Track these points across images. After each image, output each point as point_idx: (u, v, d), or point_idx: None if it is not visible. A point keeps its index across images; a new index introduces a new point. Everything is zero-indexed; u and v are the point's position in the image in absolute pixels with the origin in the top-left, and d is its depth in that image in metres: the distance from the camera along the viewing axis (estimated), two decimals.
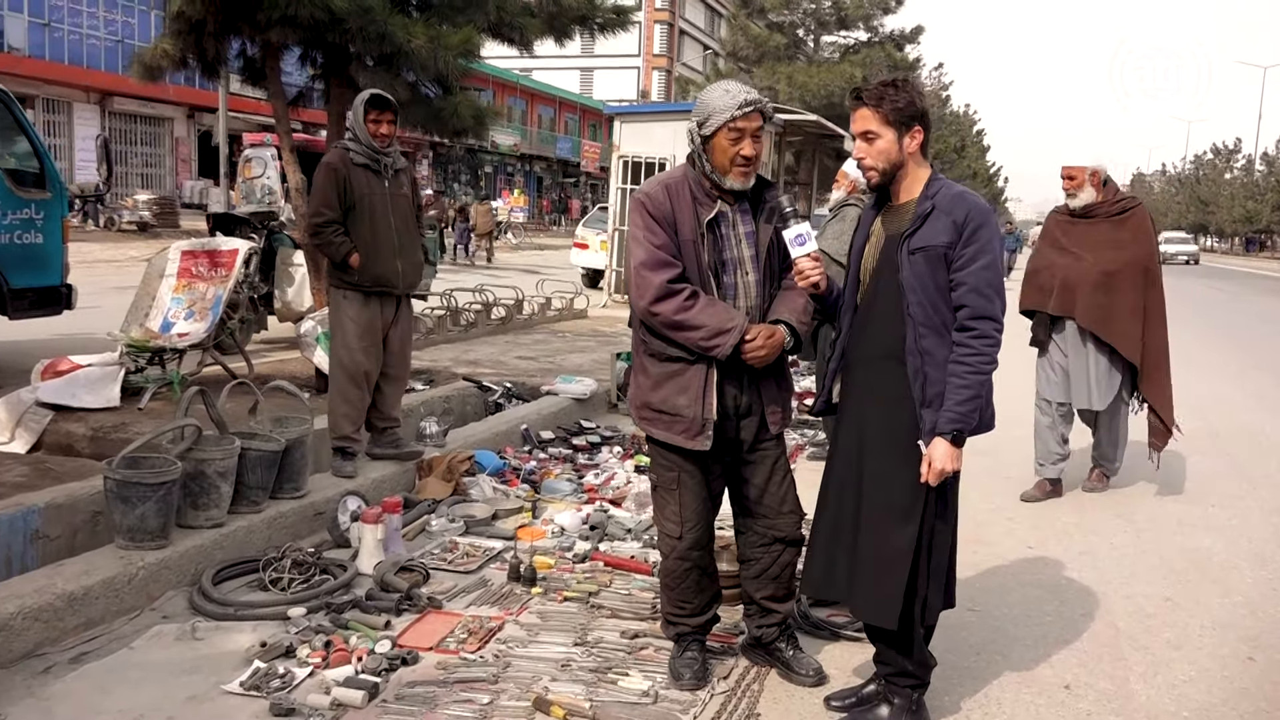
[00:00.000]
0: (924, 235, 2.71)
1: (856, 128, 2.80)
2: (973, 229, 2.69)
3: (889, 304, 2.78)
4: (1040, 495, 5.57)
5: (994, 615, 3.90)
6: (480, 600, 3.82)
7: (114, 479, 3.63)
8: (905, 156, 2.77)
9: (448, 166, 44.89)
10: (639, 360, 3.07)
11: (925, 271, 2.70)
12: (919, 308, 2.71)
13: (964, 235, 2.69)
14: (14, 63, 25.59)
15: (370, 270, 4.64)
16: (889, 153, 2.76)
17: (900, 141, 2.75)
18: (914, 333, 2.71)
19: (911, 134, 2.76)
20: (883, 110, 2.73)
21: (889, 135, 2.75)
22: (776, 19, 23.36)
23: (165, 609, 3.60)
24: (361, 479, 4.81)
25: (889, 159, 2.77)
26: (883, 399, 2.79)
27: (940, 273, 2.70)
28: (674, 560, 3.12)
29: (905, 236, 2.74)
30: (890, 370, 2.76)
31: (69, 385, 6.02)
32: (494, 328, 10.80)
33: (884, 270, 2.80)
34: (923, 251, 2.70)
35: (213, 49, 6.71)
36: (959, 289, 2.69)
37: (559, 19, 7.51)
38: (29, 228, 7.40)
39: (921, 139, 2.79)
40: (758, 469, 3.08)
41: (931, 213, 2.72)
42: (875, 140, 2.76)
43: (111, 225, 23.08)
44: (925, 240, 2.71)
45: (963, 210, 2.70)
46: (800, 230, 2.82)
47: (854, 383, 2.91)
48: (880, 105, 2.73)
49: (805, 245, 2.81)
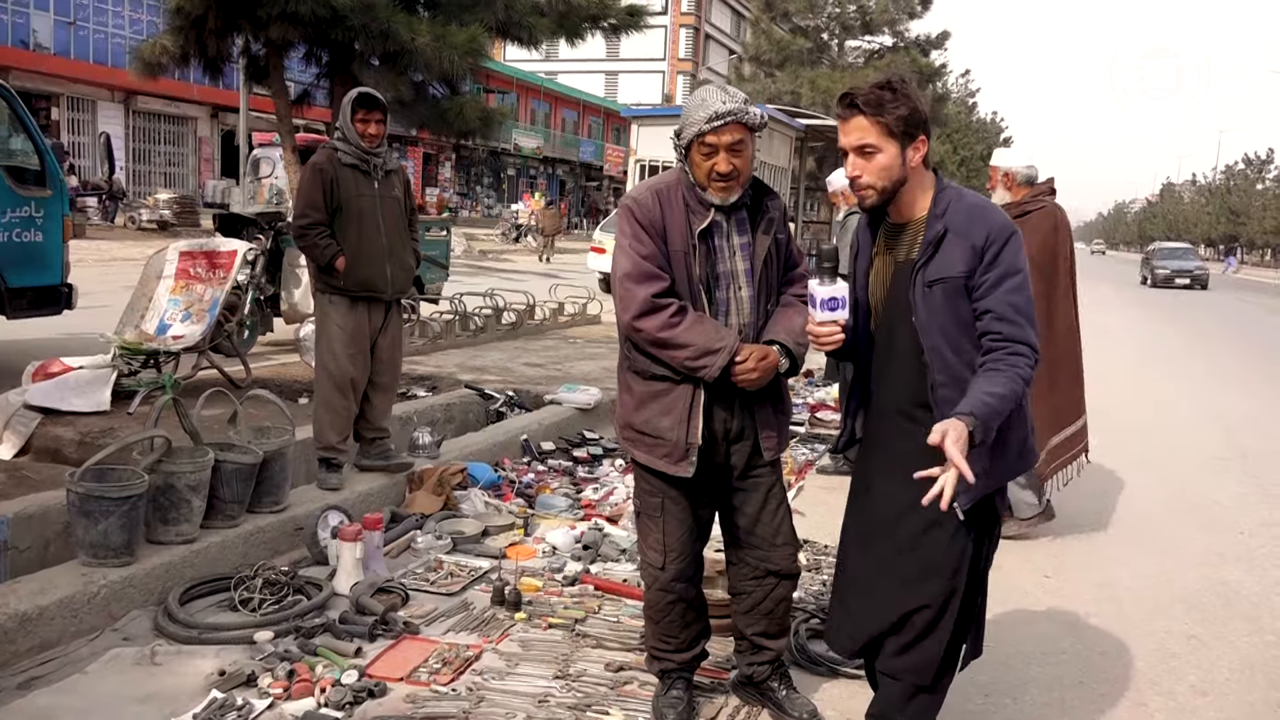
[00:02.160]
0: (940, 265, 2.36)
1: (850, 140, 2.39)
2: (996, 249, 2.33)
3: (905, 348, 2.44)
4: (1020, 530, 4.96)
5: (1005, 653, 3.65)
6: (460, 625, 3.62)
7: (76, 492, 3.46)
8: (909, 171, 2.39)
9: (470, 169, 44.86)
10: (622, 377, 2.86)
11: (943, 308, 2.36)
12: (936, 354, 2.37)
13: (985, 259, 2.33)
14: (39, 60, 25.75)
15: (356, 274, 4.46)
16: (891, 170, 2.37)
17: (904, 155, 2.37)
18: (931, 380, 2.38)
19: (916, 145, 2.38)
20: (884, 120, 2.33)
21: (891, 149, 2.36)
22: (800, 23, 23.10)
23: (128, 630, 3.42)
24: (347, 492, 4.63)
25: (890, 177, 2.38)
26: (904, 463, 2.39)
27: (962, 305, 2.35)
28: (656, 592, 2.91)
29: (917, 268, 2.40)
30: (908, 429, 2.42)
31: (58, 388, 5.87)
32: (504, 333, 10.61)
33: (895, 308, 2.47)
34: (940, 285, 2.36)
35: (214, 46, 6.57)
36: (984, 318, 2.34)
37: (569, 18, 7.33)
38: (29, 226, 7.28)
39: (925, 150, 2.42)
40: (750, 497, 2.86)
41: (945, 237, 2.37)
42: (874, 155, 2.36)
43: (133, 224, 23.12)
44: (942, 271, 2.36)
45: (982, 231, 2.34)
46: (835, 292, 2.38)
47: (875, 436, 2.60)
48: (881, 114, 2.33)
49: (837, 311, 2.39)
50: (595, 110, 54.41)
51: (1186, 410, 9.21)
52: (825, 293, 2.39)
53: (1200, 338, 16.89)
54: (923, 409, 2.42)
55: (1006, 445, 2.41)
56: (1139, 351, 13.70)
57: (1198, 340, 16.27)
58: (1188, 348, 14.81)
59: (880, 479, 2.56)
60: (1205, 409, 9.26)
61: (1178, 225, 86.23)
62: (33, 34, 26.17)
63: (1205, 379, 11.37)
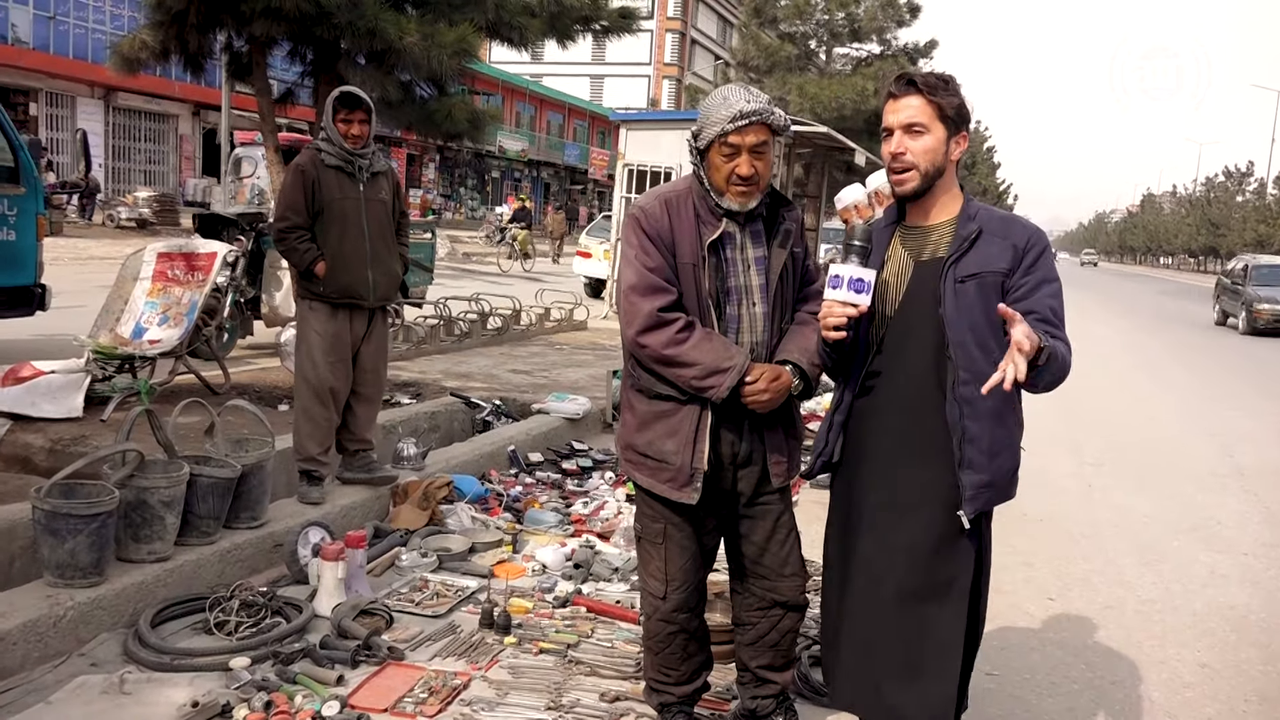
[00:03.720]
0: (975, 260, 2.30)
1: (900, 117, 2.31)
2: (1036, 254, 2.31)
3: (924, 342, 2.34)
4: None
5: (1015, 682, 3.52)
6: (447, 650, 3.45)
7: (42, 509, 3.27)
8: (948, 163, 2.35)
9: (454, 171, 44.59)
10: (625, 396, 2.70)
11: (976, 303, 2.28)
12: (961, 349, 2.27)
13: (1024, 261, 2.30)
14: (17, 55, 25.36)
15: (337, 280, 4.29)
16: (935, 153, 2.31)
17: (948, 143, 2.33)
18: (954, 377, 2.29)
19: (958, 138, 2.35)
20: (938, 101, 2.29)
21: (939, 133, 2.31)
22: (789, 29, 23.02)
23: (96, 654, 3.23)
24: (329, 506, 4.45)
25: (934, 161, 2.32)
26: (919, 456, 2.35)
27: (994, 302, 2.25)
28: (657, 622, 2.75)
29: (950, 262, 2.31)
30: (926, 422, 2.33)
31: (28, 393, 5.68)
32: (489, 339, 10.44)
33: (915, 302, 2.36)
34: (976, 279, 2.29)
35: (195, 41, 6.38)
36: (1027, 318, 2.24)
37: (561, 20, 7.18)
38: (1, 224, 7.07)
39: (965, 148, 2.39)
40: (757, 525, 2.71)
41: (980, 235, 2.32)
42: (922, 135, 2.30)
43: (111, 222, 22.79)
44: (979, 265, 2.29)
45: (1023, 234, 2.33)
46: (866, 275, 2.26)
47: (875, 437, 2.44)
48: (935, 95, 2.29)
49: (861, 295, 2.26)
50: (581, 113, 54.23)
51: (1179, 427, 9.13)
52: (853, 272, 2.26)
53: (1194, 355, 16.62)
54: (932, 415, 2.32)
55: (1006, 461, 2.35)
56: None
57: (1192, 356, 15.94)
58: None
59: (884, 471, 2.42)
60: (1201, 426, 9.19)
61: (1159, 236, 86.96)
62: (11, 28, 25.78)
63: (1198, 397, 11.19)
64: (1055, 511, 5.72)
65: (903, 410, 2.37)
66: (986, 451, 2.29)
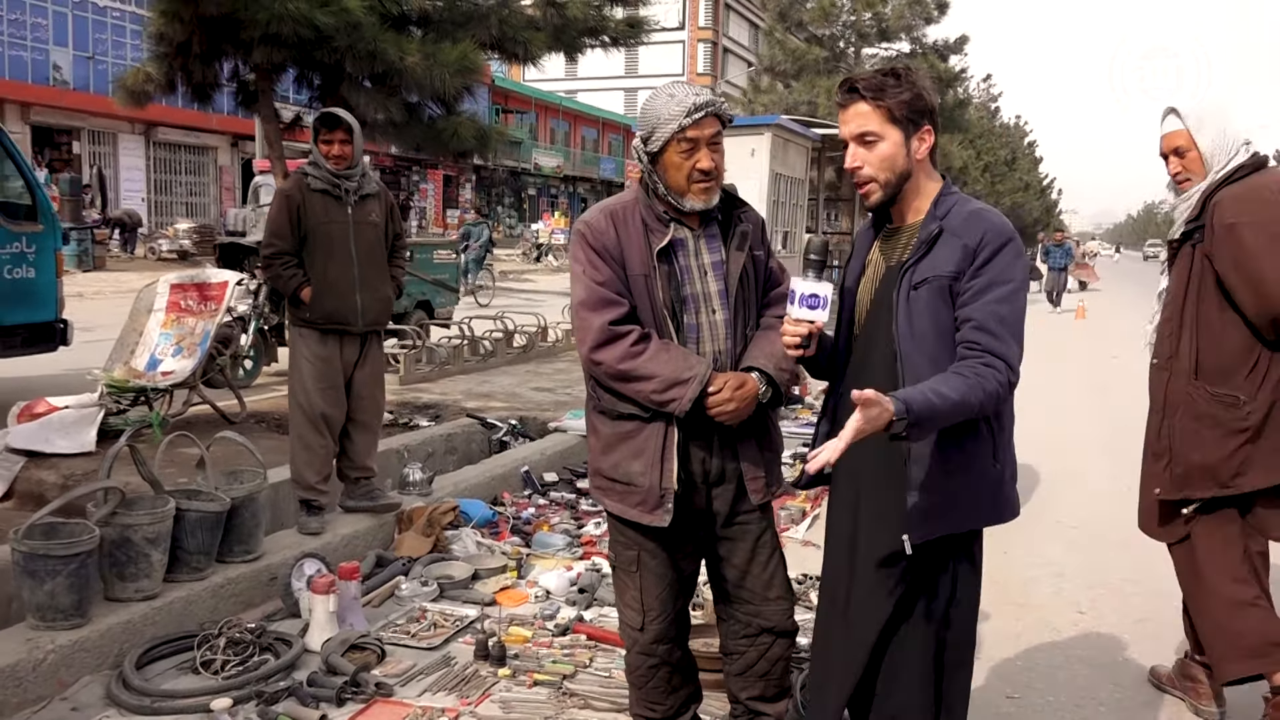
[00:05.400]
0: (929, 264, 2.13)
1: (850, 129, 2.18)
2: (988, 253, 2.09)
3: (881, 358, 2.20)
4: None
5: (1036, 704, 3.32)
6: (439, 684, 3.34)
7: (20, 550, 3.22)
8: (914, 164, 2.18)
9: (491, 190, 44.86)
10: (589, 419, 2.57)
11: (926, 313, 2.11)
12: (909, 362, 2.12)
13: (976, 261, 2.09)
14: (60, 96, 25.93)
15: (323, 305, 4.21)
16: (894, 159, 2.16)
17: (908, 144, 2.16)
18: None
19: (920, 135, 2.17)
20: (885, 104, 2.13)
21: (893, 137, 2.15)
22: (816, 32, 22.79)
23: (78, 699, 3.16)
24: (330, 535, 4.37)
25: (894, 167, 2.16)
26: (874, 478, 2.22)
27: (945, 312, 2.10)
28: (637, 655, 2.61)
29: (905, 268, 2.16)
30: (881, 441, 2.20)
31: (42, 429, 5.68)
32: (514, 357, 10.36)
33: (878, 313, 2.23)
34: (926, 285, 2.12)
35: (200, 72, 6.37)
36: (963, 327, 2.09)
37: (566, 32, 7.07)
38: (20, 262, 7.12)
39: (932, 142, 2.19)
40: (737, 547, 2.55)
41: (939, 236, 2.13)
42: (876, 144, 2.16)
43: (152, 254, 23.17)
44: (930, 270, 2.12)
45: (977, 231, 2.11)
46: (818, 290, 2.12)
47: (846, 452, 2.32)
48: (881, 98, 2.13)
49: (815, 311, 2.13)
50: (615, 127, 54.32)
51: None
52: (806, 288, 2.13)
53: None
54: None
55: (970, 482, 2.15)
56: None
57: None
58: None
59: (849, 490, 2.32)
60: None
61: None
62: (55, 70, 26.37)
63: None
64: (1090, 517, 5.48)
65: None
66: (937, 472, 2.10)
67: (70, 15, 26.57)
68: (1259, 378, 2.92)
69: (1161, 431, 3.12)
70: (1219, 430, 2.95)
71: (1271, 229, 2.83)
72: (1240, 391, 2.93)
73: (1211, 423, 2.98)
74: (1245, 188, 2.92)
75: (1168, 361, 3.11)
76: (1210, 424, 2.98)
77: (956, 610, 2.21)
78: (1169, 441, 3.09)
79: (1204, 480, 3.01)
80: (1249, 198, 2.90)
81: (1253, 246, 2.84)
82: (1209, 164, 2.99)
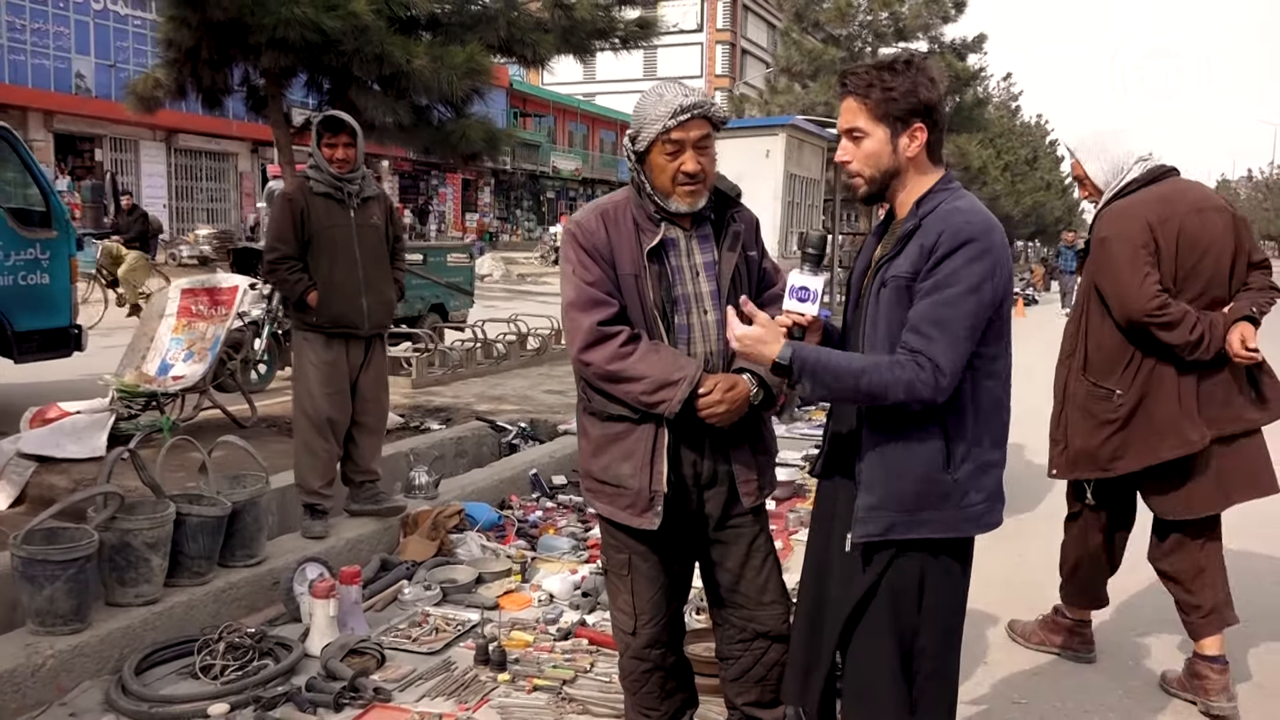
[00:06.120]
0: (897, 263, 2.09)
1: (841, 123, 2.16)
2: (940, 254, 2.02)
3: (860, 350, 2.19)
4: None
5: (1043, 709, 3.26)
6: (438, 690, 3.31)
7: (19, 556, 3.22)
8: (902, 162, 2.13)
9: (509, 193, 44.96)
10: (580, 420, 2.54)
11: (885, 313, 2.08)
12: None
13: (929, 262, 2.03)
14: (83, 104, 26.19)
15: (329, 309, 4.20)
16: (878, 157, 2.12)
17: (894, 142, 2.11)
18: None
19: (911, 133, 2.10)
20: (871, 101, 2.09)
21: (878, 134, 2.11)
22: (833, 32, 22.67)
23: (77, 704, 3.16)
24: (335, 539, 4.36)
25: (878, 164, 2.13)
26: (851, 471, 2.18)
27: (901, 313, 2.06)
28: (629, 660, 2.58)
29: (881, 264, 2.13)
30: (854, 434, 2.16)
31: (53, 434, 5.71)
32: (527, 359, 10.35)
33: (861, 310, 2.21)
34: (889, 285, 2.09)
35: (209, 77, 6.39)
36: (905, 332, 2.05)
37: (574, 34, 7.05)
38: (34, 268, 7.16)
39: (925, 139, 2.11)
40: (730, 550, 2.52)
41: (914, 233, 2.09)
42: (861, 140, 2.13)
43: (173, 260, 23.34)
44: (895, 269, 2.09)
45: (934, 231, 2.04)
46: (808, 282, 2.13)
47: (832, 446, 2.32)
48: (868, 95, 2.09)
49: (805, 304, 2.13)
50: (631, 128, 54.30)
51: None
52: (797, 280, 2.15)
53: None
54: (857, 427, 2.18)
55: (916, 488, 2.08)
56: None
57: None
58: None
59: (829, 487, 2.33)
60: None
61: None
62: (78, 78, 26.63)
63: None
64: None
65: (848, 420, 2.22)
66: (880, 472, 2.08)
67: (92, 24, 26.83)
68: (1132, 374, 3.27)
69: (1060, 420, 3.49)
70: (1094, 420, 3.34)
71: (1135, 241, 3.17)
72: (1117, 386, 3.29)
73: (1089, 413, 3.36)
74: (1123, 204, 3.29)
75: (1067, 359, 3.48)
76: (1088, 414, 3.37)
77: (926, 618, 2.14)
78: (1064, 429, 3.46)
79: (1087, 464, 3.40)
80: (1121, 214, 3.26)
81: (1117, 258, 3.20)
82: (1103, 185, 3.38)
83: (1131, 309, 3.16)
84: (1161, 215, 3.18)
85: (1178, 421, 3.20)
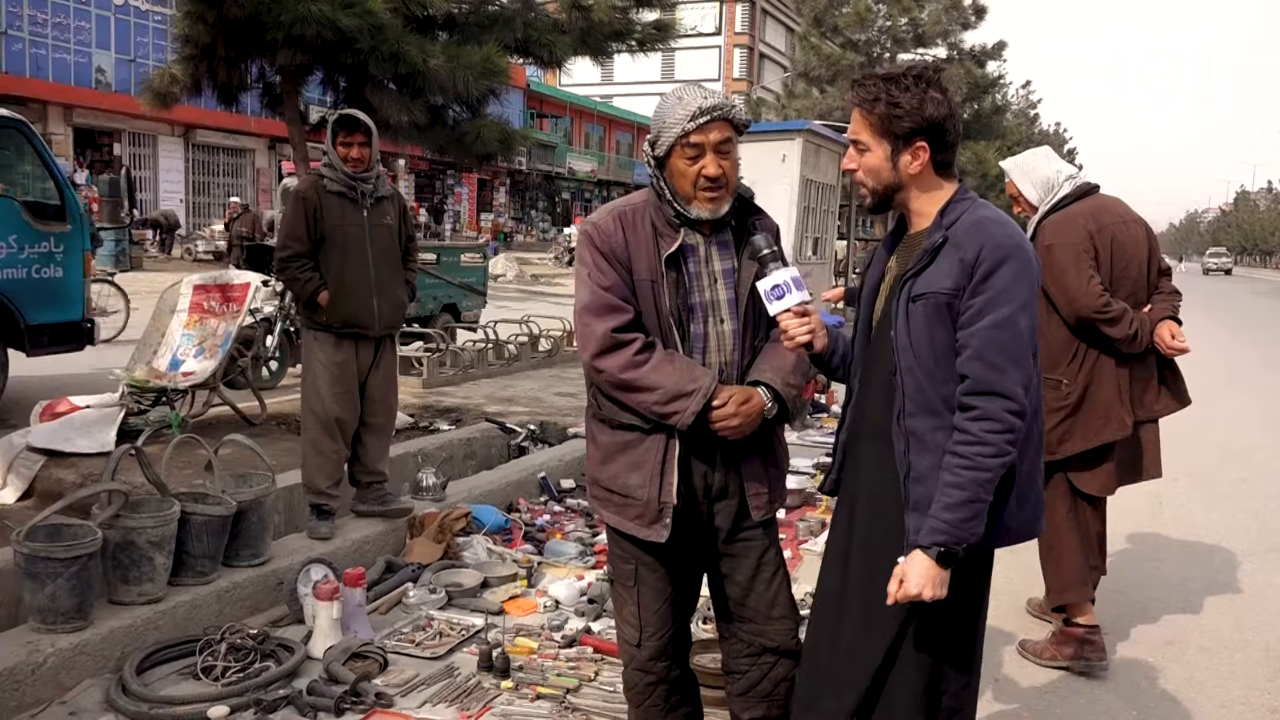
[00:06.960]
0: (928, 278, 2.03)
1: (849, 131, 2.14)
2: (985, 271, 1.95)
3: (885, 365, 2.11)
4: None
5: None
6: (440, 696, 3.28)
7: (22, 552, 3.20)
8: (904, 178, 2.08)
9: (525, 194, 45.00)
10: (589, 426, 2.50)
11: (923, 327, 2.02)
12: (910, 375, 2.03)
13: (974, 279, 1.96)
14: (102, 98, 26.32)
15: (340, 309, 4.17)
16: (879, 171, 2.09)
17: (895, 159, 2.06)
18: (899, 406, 2.04)
19: (913, 150, 2.04)
20: (874, 116, 2.04)
21: (879, 150, 2.07)
22: (852, 37, 22.61)
23: (77, 703, 3.13)
24: (340, 540, 4.33)
25: (879, 179, 2.10)
26: (869, 491, 2.14)
27: (942, 330, 2.00)
28: (634, 672, 2.53)
29: (906, 279, 2.06)
30: (877, 454, 2.10)
31: (63, 429, 5.70)
32: (539, 361, 10.32)
33: (885, 321, 2.14)
34: (924, 301, 2.02)
35: (225, 74, 6.38)
36: (962, 353, 1.98)
37: (591, 36, 7.02)
38: (48, 261, 7.17)
39: (926, 158, 2.05)
40: (740, 564, 2.47)
41: (942, 247, 2.02)
42: (865, 152, 2.10)
43: (189, 255, 23.44)
44: (928, 284, 2.02)
45: (974, 245, 1.97)
46: (778, 279, 2.15)
47: (853, 462, 2.26)
48: (872, 109, 2.04)
49: (785, 299, 2.14)
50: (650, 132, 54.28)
51: (1266, 438, 8.55)
52: (766, 284, 2.18)
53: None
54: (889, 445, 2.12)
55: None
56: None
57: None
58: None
59: (848, 501, 2.28)
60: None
61: (1254, 234, 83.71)
62: (98, 73, 26.77)
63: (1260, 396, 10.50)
64: (1118, 532, 5.30)
65: (872, 437, 2.16)
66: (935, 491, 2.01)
67: (113, 19, 26.96)
68: (1078, 365, 3.60)
69: None
70: (1045, 409, 3.33)
71: (1079, 247, 3.55)
72: (1064, 377, 3.60)
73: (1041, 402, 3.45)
74: (1062, 215, 3.64)
75: None
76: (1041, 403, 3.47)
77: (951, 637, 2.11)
78: None
79: None
80: (1061, 223, 3.62)
81: (1063, 261, 3.54)
82: (1037, 202, 3.73)
83: (1080, 307, 3.51)
84: (1098, 224, 3.59)
85: (1117, 408, 3.59)
